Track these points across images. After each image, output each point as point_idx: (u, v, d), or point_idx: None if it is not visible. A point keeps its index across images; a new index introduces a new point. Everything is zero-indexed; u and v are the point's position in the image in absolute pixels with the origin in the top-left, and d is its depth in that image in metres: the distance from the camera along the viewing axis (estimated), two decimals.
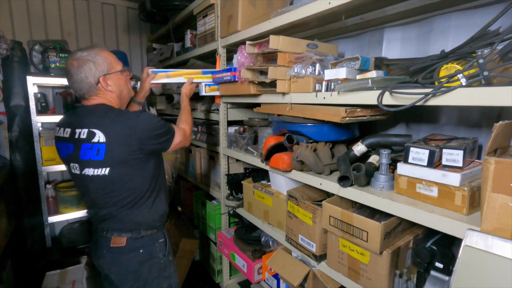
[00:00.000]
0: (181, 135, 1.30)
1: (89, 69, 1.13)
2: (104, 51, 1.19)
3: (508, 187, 0.66)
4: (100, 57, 1.16)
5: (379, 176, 1.07)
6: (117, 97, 1.23)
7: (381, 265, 1.01)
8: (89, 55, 1.14)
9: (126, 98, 1.29)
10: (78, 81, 1.13)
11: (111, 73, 1.18)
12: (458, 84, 0.76)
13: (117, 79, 1.21)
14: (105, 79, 1.17)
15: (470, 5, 1.10)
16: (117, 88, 1.22)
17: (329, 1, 1.09)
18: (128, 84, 1.29)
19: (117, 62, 1.23)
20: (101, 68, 1.15)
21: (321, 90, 1.18)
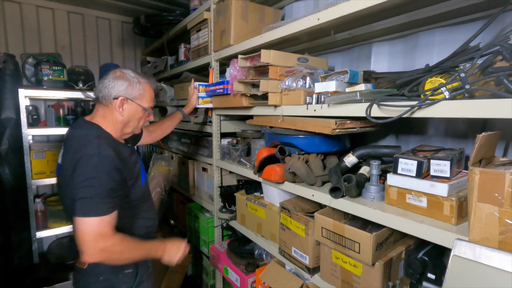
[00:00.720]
0: (96, 232, 0.96)
1: (121, 85, 1.13)
2: (148, 85, 1.20)
3: (493, 197, 0.68)
4: (139, 85, 1.16)
5: (370, 187, 1.08)
6: (122, 123, 1.17)
7: (373, 277, 1.01)
8: (133, 78, 1.15)
9: (129, 130, 1.22)
10: (105, 85, 1.12)
11: (134, 101, 1.16)
12: (442, 97, 0.78)
13: (134, 110, 1.17)
14: (124, 102, 1.14)
15: (452, 22, 1.14)
16: (128, 116, 1.17)
17: (318, 17, 1.12)
18: (141, 122, 1.24)
19: (149, 100, 1.21)
20: (130, 92, 1.14)
21: (311, 102, 1.21)
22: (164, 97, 2.69)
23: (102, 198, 0.99)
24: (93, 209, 0.97)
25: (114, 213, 1.03)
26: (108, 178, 1.01)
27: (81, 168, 0.99)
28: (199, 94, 1.84)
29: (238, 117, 2.04)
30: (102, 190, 0.99)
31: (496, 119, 1.04)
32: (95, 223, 0.97)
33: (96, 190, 0.98)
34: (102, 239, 0.97)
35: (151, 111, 1.24)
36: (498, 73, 0.72)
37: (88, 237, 0.95)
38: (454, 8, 1.02)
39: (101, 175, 0.99)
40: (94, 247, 0.96)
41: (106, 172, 1.01)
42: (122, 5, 2.86)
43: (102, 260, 1.00)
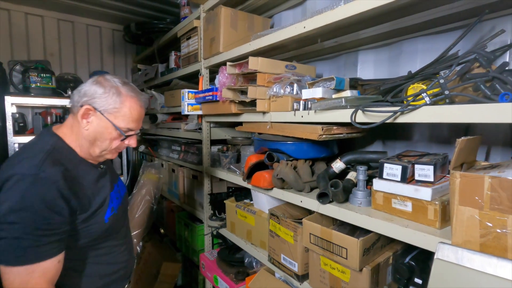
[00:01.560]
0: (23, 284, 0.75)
1: (93, 91, 0.90)
2: (133, 100, 0.94)
3: (474, 200, 0.69)
4: (116, 97, 0.91)
5: (357, 193, 1.09)
6: (86, 140, 0.92)
7: (361, 283, 1.00)
8: (112, 88, 0.91)
9: (97, 152, 0.95)
10: (79, 89, 0.92)
11: (104, 115, 0.90)
12: (423, 102, 0.80)
13: (103, 127, 0.91)
14: (90, 112, 0.90)
15: (434, 31, 1.18)
16: (94, 133, 0.91)
17: (304, 25, 1.15)
18: (113, 145, 0.95)
19: (128, 120, 0.93)
20: (102, 102, 0.89)
21: (299, 109, 1.22)
22: (155, 104, 2.67)
23: (33, 239, 0.75)
24: (17, 255, 0.73)
25: (54, 260, 0.79)
26: (44, 210, 0.76)
27: (6, 194, 0.75)
28: (188, 101, 1.84)
29: (228, 124, 2.04)
30: (33, 227, 0.74)
31: (477, 124, 1.07)
32: (20, 274, 0.74)
33: (22, 228, 0.73)
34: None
35: (124, 135, 0.94)
36: (475, 79, 0.74)
37: None
38: (435, 17, 1.06)
39: (33, 205, 0.75)
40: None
41: (42, 201, 0.76)
42: (113, 13, 2.86)
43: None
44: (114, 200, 1.02)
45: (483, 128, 1.06)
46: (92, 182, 0.95)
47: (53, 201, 0.78)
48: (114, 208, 1.00)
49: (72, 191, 0.84)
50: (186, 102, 1.84)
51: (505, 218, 0.64)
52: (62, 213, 0.80)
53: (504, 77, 0.71)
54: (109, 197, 0.99)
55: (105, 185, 1.00)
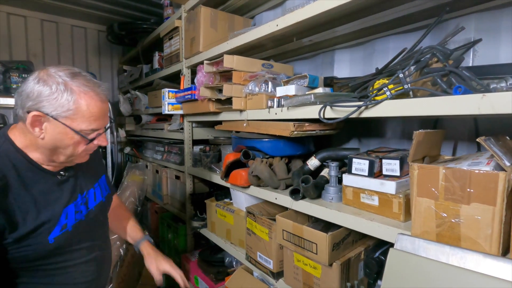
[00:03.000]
0: None
1: (38, 92, 0.74)
2: (89, 96, 0.78)
3: (430, 191, 0.70)
4: (67, 95, 0.75)
5: (328, 188, 1.10)
6: (46, 148, 0.80)
7: (332, 278, 1.00)
8: (60, 84, 0.75)
9: (62, 159, 0.83)
10: (21, 90, 0.76)
11: (58, 120, 0.75)
12: (385, 97, 0.82)
13: (61, 133, 0.77)
14: (39, 118, 0.75)
15: (404, 29, 1.21)
16: (52, 140, 0.78)
17: (276, 23, 1.16)
18: (80, 149, 0.82)
19: (90, 121, 0.79)
20: (52, 105, 0.74)
21: (273, 106, 1.22)
22: (139, 105, 2.66)
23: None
24: None
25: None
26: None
27: None
28: (168, 100, 1.83)
29: (209, 124, 2.04)
30: None
31: (444, 120, 1.09)
32: None
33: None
34: None
35: (87, 138, 0.81)
36: (432, 73, 0.76)
37: None
38: (401, 15, 1.08)
39: None
40: None
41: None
42: (98, 14, 2.85)
43: None
44: (71, 215, 0.86)
45: (450, 123, 1.09)
46: (39, 194, 0.80)
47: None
48: (68, 225, 0.85)
49: (0, 206, 0.72)
50: (166, 101, 1.83)
51: (458, 208, 0.66)
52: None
53: (459, 71, 0.73)
54: (62, 212, 0.83)
55: (61, 197, 0.85)
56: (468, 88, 0.69)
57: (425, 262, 0.63)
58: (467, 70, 0.73)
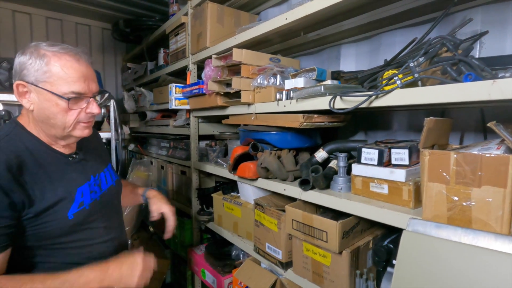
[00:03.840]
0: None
1: (20, 63, 0.78)
2: (64, 57, 0.79)
3: (441, 176, 0.72)
4: (40, 61, 0.77)
5: (337, 179, 1.11)
6: (39, 120, 0.82)
7: (341, 266, 1.02)
8: (37, 50, 0.78)
9: (58, 130, 0.84)
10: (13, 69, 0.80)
11: (38, 86, 0.77)
12: (395, 86, 0.83)
13: (45, 100, 0.78)
14: (24, 88, 0.78)
15: (410, 23, 1.23)
16: (40, 110, 0.80)
17: (285, 17, 1.18)
18: (71, 117, 0.83)
19: (69, 82, 0.79)
20: (30, 72, 0.77)
21: (282, 99, 1.24)
22: (144, 102, 2.68)
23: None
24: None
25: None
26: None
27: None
28: (175, 95, 1.85)
29: (215, 119, 2.06)
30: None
31: (451, 111, 1.11)
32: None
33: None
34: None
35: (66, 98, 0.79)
36: (442, 62, 0.78)
37: None
38: (408, 8, 1.10)
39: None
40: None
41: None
42: (102, 11, 2.86)
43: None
44: (87, 194, 0.91)
45: (456, 114, 1.11)
46: (54, 172, 0.84)
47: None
48: (85, 203, 0.89)
49: (17, 182, 0.75)
50: (173, 96, 1.85)
51: (469, 191, 0.67)
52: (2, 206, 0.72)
53: (468, 59, 0.75)
54: (77, 191, 0.87)
55: (74, 177, 0.89)
56: (478, 76, 0.71)
57: (438, 241, 0.65)
58: (476, 59, 0.75)
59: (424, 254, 0.65)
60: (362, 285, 1.02)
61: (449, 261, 0.61)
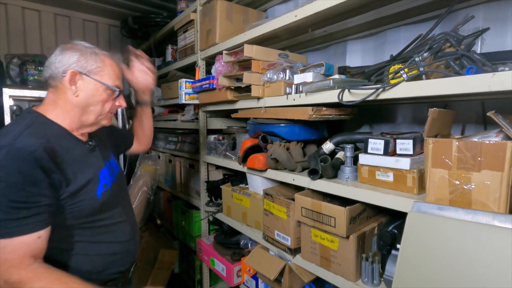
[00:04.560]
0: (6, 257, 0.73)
1: (70, 57, 0.87)
2: (109, 58, 0.94)
3: (444, 162, 0.78)
4: (95, 56, 0.90)
5: (344, 169, 1.17)
6: (79, 107, 0.90)
7: (348, 249, 1.09)
8: (86, 48, 0.90)
9: (91, 118, 0.93)
10: (51, 61, 0.88)
11: (90, 76, 0.89)
12: (401, 79, 0.89)
13: (93, 89, 0.90)
14: (77, 76, 0.87)
15: (415, 20, 1.28)
16: (85, 97, 0.89)
17: (295, 14, 1.23)
18: (106, 107, 0.95)
19: (112, 77, 0.93)
20: (83, 64, 0.88)
21: (291, 92, 1.30)
22: (151, 97, 2.73)
23: (8, 212, 0.72)
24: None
25: (33, 235, 0.75)
26: (19, 181, 0.73)
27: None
28: (185, 90, 1.91)
29: (223, 114, 2.12)
30: (8, 199, 0.72)
31: (453, 104, 1.17)
32: None
33: (7, 198, 0.72)
34: (7, 270, 0.72)
35: (117, 90, 0.95)
36: (446, 57, 0.84)
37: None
38: (414, 6, 1.15)
39: (8, 176, 0.73)
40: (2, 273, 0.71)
41: (18, 172, 0.73)
42: (109, 8, 2.92)
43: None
44: (107, 176, 0.98)
45: (458, 106, 1.16)
46: (78, 157, 0.90)
47: (29, 172, 0.75)
48: (107, 184, 0.97)
49: (55, 163, 0.80)
50: (183, 91, 1.91)
51: (470, 175, 0.73)
52: (41, 185, 0.76)
53: (470, 54, 0.80)
54: (99, 173, 0.95)
55: (95, 161, 0.96)
56: (480, 70, 0.76)
57: (441, 220, 0.71)
58: (477, 54, 0.81)
59: (428, 231, 0.71)
60: (367, 268, 1.08)
61: (451, 237, 0.67)
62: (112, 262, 0.97)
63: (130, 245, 1.04)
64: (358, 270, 1.10)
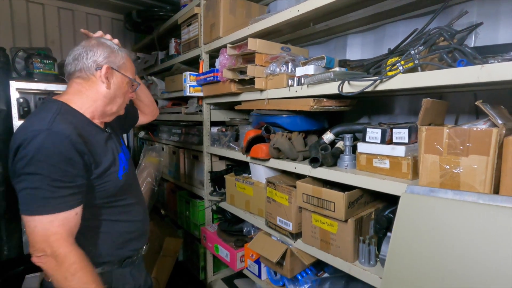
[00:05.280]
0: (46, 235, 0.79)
1: (102, 52, 0.95)
2: (128, 56, 1.05)
3: (435, 148, 0.84)
4: (121, 53, 1.00)
5: (344, 157, 1.24)
6: (107, 98, 0.98)
7: (347, 232, 1.16)
8: (114, 45, 1.00)
9: (114, 108, 1.02)
10: (80, 55, 0.94)
11: (119, 71, 1.00)
12: (398, 71, 0.95)
13: (120, 82, 1.00)
14: (110, 71, 0.97)
15: (413, 14, 1.33)
16: (114, 90, 0.99)
17: (297, 9, 1.28)
18: (127, 99, 1.07)
19: (132, 72, 1.06)
20: (113, 60, 0.97)
21: (293, 85, 1.36)
22: (155, 90, 2.78)
23: (51, 190, 0.79)
24: (38, 205, 0.78)
25: (72, 212, 0.82)
26: (60, 162, 0.79)
27: (24, 150, 0.78)
28: (190, 83, 1.96)
29: (226, 106, 2.17)
30: (51, 179, 0.78)
31: (448, 95, 1.23)
32: (42, 222, 0.78)
33: (42, 179, 0.78)
34: (55, 241, 0.79)
35: (138, 83, 1.09)
36: (439, 50, 0.89)
37: (37, 237, 0.78)
38: (412, 1, 1.20)
39: (49, 157, 0.78)
40: (40, 249, 0.78)
41: (58, 153, 0.79)
42: (112, 2, 2.94)
43: (46, 268, 0.80)
44: (124, 160, 1.06)
45: (453, 98, 1.22)
46: (101, 142, 0.97)
47: (68, 154, 0.81)
48: (126, 168, 1.04)
49: (86, 147, 0.86)
50: (188, 84, 1.96)
51: (459, 160, 0.80)
52: (77, 166, 0.83)
53: (462, 48, 0.86)
54: (118, 157, 1.02)
55: (113, 146, 1.03)
56: (470, 62, 0.82)
57: (432, 200, 0.77)
58: (469, 47, 0.86)
59: (419, 211, 0.78)
60: (364, 249, 1.15)
61: (440, 215, 0.74)
62: (130, 240, 1.05)
63: (144, 225, 1.12)
64: (355, 251, 1.17)
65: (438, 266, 0.72)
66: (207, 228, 2.09)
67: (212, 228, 2.08)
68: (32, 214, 0.77)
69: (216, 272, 2.29)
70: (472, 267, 0.68)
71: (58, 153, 0.79)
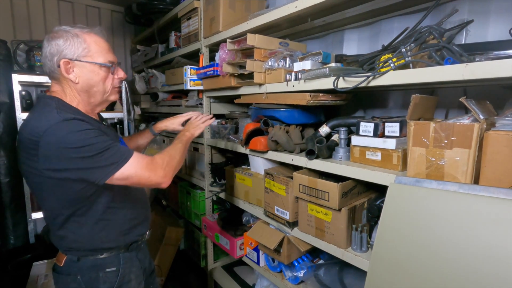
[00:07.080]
0: (144, 166, 0.92)
1: (56, 45, 0.91)
2: (91, 35, 0.96)
3: (422, 141, 0.90)
4: (77, 39, 0.92)
5: (338, 149, 1.30)
6: (83, 91, 0.97)
7: (340, 221, 1.22)
8: (69, 32, 0.92)
9: (98, 98, 1.01)
10: (44, 56, 0.93)
11: (82, 61, 0.93)
12: (389, 68, 1.00)
13: (89, 71, 0.95)
14: (69, 65, 0.92)
15: (408, 11, 1.36)
16: (86, 81, 0.95)
17: (295, 5, 1.31)
18: (108, 84, 1.02)
19: (104, 53, 0.97)
20: (71, 50, 0.91)
21: (291, 79, 1.40)
22: (156, 83, 2.82)
23: (105, 156, 0.86)
24: (113, 162, 0.87)
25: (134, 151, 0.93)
26: (91, 136, 0.86)
27: (49, 145, 0.82)
28: (190, 76, 2.00)
29: (226, 99, 2.22)
30: (102, 142, 0.87)
31: (439, 90, 1.28)
32: (131, 166, 0.89)
33: (98, 146, 0.86)
34: (150, 167, 0.92)
35: (110, 66, 1.00)
36: (429, 48, 0.94)
37: (142, 176, 0.91)
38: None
39: (85, 134, 0.85)
40: (154, 177, 0.92)
41: (85, 131, 0.85)
42: None
43: (173, 174, 1.01)
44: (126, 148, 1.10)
45: (443, 93, 1.27)
46: (103, 129, 0.98)
47: (89, 129, 0.87)
48: None
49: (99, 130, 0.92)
50: (188, 77, 2.00)
51: (443, 152, 0.86)
52: (104, 135, 0.91)
53: (450, 46, 0.91)
54: (121, 144, 1.05)
55: (114, 135, 1.07)
56: (457, 60, 0.87)
57: (417, 189, 0.83)
58: (456, 46, 0.91)
59: (405, 199, 0.84)
60: (357, 236, 1.22)
61: (425, 203, 0.80)
62: (135, 226, 1.11)
63: (146, 212, 1.19)
64: (348, 239, 1.24)
65: (421, 250, 0.79)
66: (208, 218, 2.16)
67: (212, 218, 2.15)
68: (121, 166, 0.88)
69: (217, 260, 2.38)
70: (453, 250, 0.74)
71: (82, 132, 0.84)
